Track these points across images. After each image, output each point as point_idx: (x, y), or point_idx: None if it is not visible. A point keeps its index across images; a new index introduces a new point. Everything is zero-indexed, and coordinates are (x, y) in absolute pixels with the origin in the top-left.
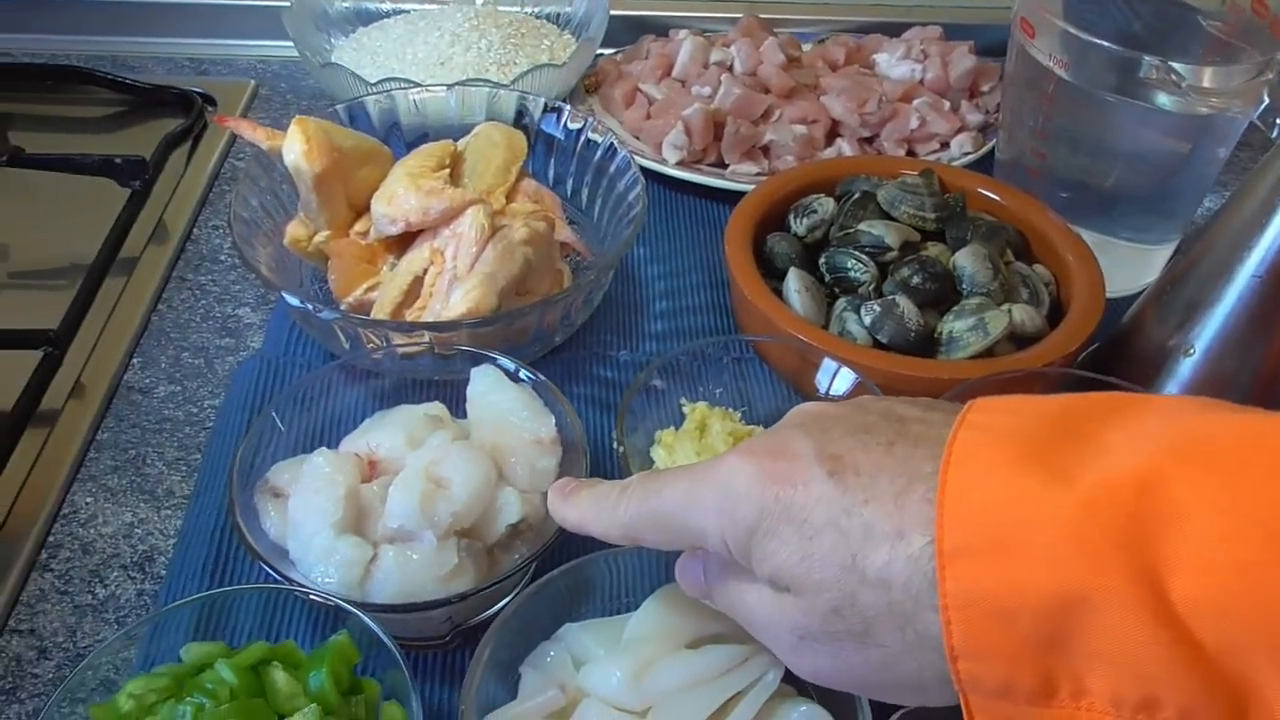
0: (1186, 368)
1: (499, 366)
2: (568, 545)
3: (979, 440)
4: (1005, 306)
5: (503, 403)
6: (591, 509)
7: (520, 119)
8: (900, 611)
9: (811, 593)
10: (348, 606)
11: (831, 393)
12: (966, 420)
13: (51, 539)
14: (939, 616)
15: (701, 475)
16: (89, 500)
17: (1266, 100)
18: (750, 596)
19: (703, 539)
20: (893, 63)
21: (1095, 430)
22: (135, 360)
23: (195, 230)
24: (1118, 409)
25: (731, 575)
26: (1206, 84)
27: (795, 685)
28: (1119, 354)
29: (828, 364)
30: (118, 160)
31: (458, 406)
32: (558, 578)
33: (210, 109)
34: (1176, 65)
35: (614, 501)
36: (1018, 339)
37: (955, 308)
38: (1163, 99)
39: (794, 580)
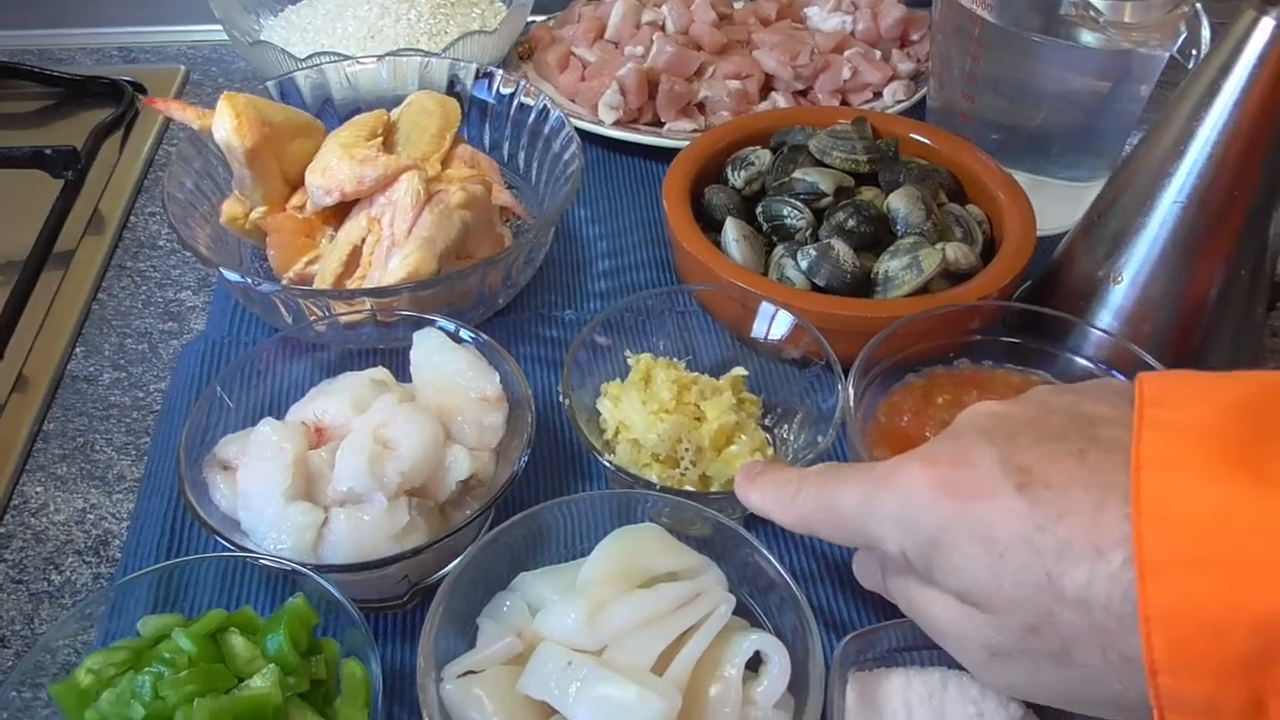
0: (1116, 295)
1: (440, 329)
2: (520, 498)
3: (1169, 442)
4: (939, 245)
5: (446, 364)
6: (773, 496)
7: (453, 87)
8: (1103, 632)
9: (1004, 611)
10: (302, 569)
11: (771, 336)
12: (1147, 418)
13: (3, 529)
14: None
15: (880, 480)
16: (39, 489)
17: (1184, 33)
18: (935, 607)
19: (879, 545)
20: (823, 16)
21: None
22: (78, 349)
23: (132, 218)
24: None
25: (912, 581)
26: (1126, 19)
27: (748, 619)
28: (1052, 287)
29: (766, 308)
30: (48, 151)
31: (402, 372)
32: (510, 529)
33: (141, 97)
34: (1095, 2)
35: (792, 493)
36: (952, 276)
37: (890, 248)
38: (1085, 36)
39: (983, 597)
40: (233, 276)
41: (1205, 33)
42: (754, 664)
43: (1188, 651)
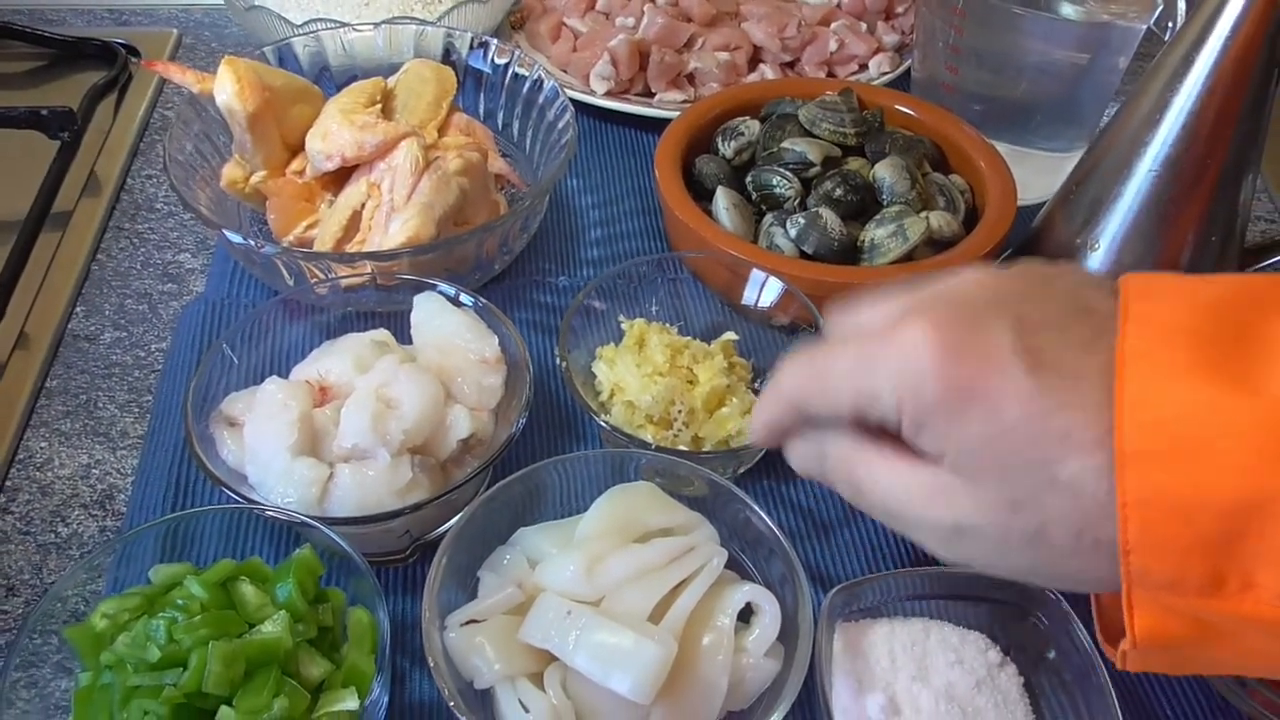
0: (1093, 262)
1: (440, 293)
2: (518, 458)
3: (1149, 338)
4: (923, 214)
5: (446, 326)
6: (766, 394)
7: (448, 56)
8: (1085, 517)
9: (992, 484)
10: (309, 520)
11: (760, 303)
12: (1132, 313)
13: (9, 484)
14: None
15: (880, 339)
16: (43, 445)
17: (1160, 6)
18: (900, 476)
19: (873, 402)
20: None
21: (1263, 327)
22: (79, 309)
23: (129, 180)
24: (1277, 299)
25: (876, 454)
26: None
27: (739, 572)
28: (1032, 254)
29: (756, 275)
30: (44, 112)
31: (402, 335)
32: (509, 486)
33: (136, 60)
34: None
35: (780, 375)
36: (936, 244)
37: (876, 216)
38: (1065, 9)
39: (974, 467)
40: (236, 239)
41: (1181, 6)
42: (745, 615)
43: (1158, 533)
